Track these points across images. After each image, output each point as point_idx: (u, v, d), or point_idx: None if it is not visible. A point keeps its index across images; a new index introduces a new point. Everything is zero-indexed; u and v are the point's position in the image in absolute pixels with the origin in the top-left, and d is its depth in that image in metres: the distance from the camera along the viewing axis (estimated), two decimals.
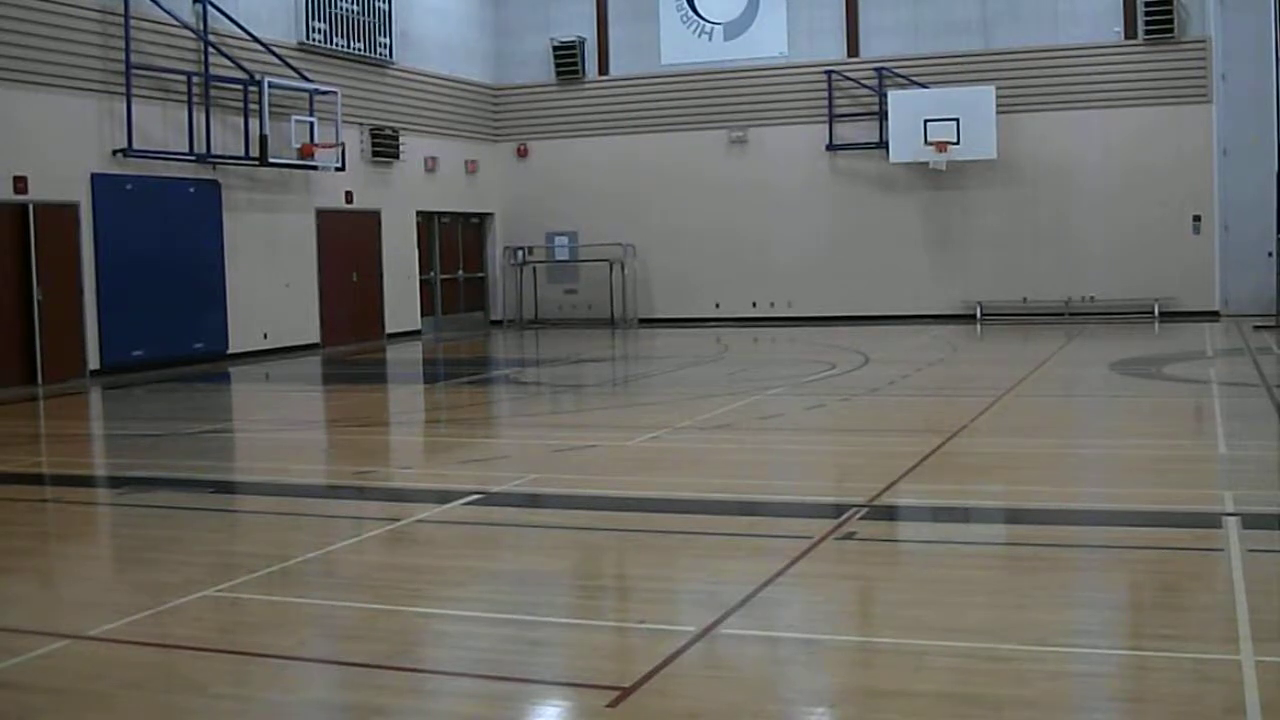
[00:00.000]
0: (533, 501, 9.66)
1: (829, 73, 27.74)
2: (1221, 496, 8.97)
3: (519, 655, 5.99)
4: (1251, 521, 8.12)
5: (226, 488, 10.83)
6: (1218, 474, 10.09)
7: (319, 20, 24.44)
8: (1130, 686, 5.43)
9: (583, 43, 29.54)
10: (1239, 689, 5.16)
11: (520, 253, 30.05)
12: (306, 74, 23.67)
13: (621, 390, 18.35)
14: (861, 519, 8.50)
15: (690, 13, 28.83)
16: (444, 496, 9.66)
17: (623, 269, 29.19)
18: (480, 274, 30.47)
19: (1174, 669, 5.49)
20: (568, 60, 29.56)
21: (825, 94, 27.81)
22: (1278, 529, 8.31)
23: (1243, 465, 10.36)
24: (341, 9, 25.00)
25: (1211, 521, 8.18)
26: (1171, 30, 25.74)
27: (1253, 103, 25.37)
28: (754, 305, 28.58)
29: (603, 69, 29.70)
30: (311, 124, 23.41)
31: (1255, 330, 22.53)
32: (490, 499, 9.53)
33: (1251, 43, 25.42)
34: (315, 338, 24.26)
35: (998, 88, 26.22)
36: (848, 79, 27.74)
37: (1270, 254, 25.15)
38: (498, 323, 30.29)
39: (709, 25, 28.75)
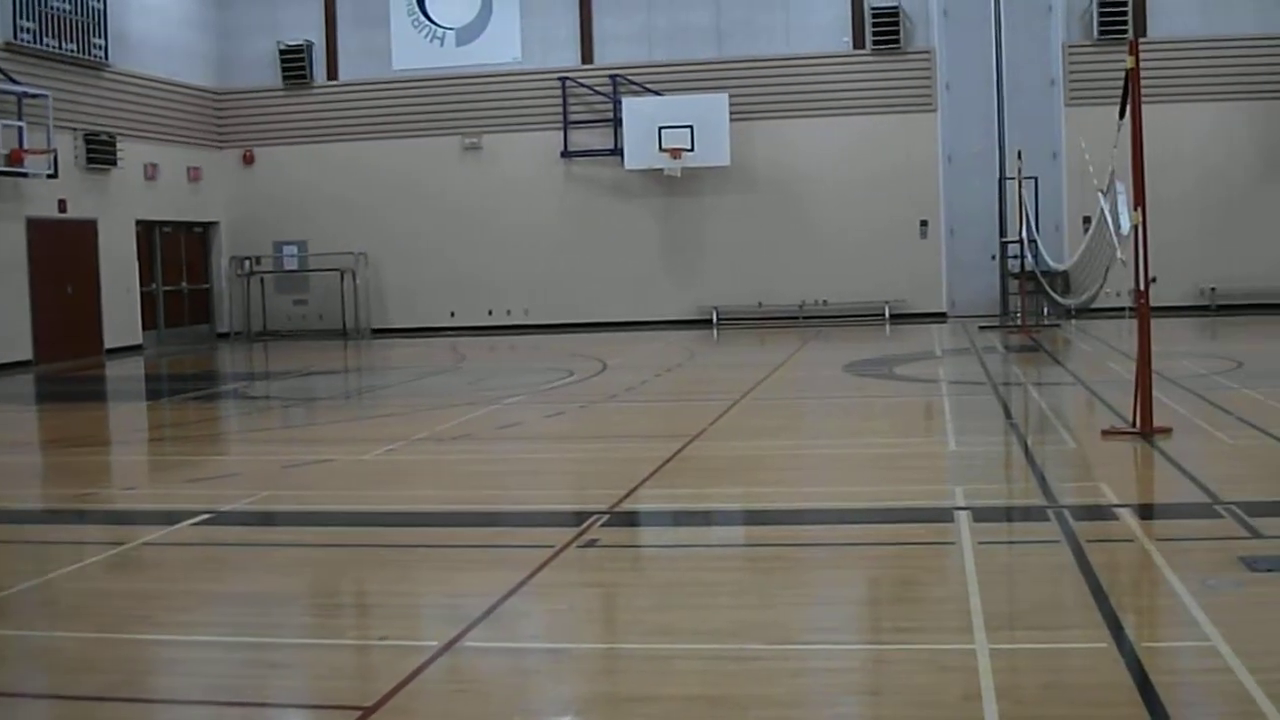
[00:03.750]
0: (266, 519, 9.32)
1: (563, 79, 27.79)
2: (953, 491, 9.20)
3: (255, 679, 5.74)
4: (981, 515, 8.38)
5: None
6: (949, 470, 10.42)
7: (27, 19, 23.17)
8: (871, 680, 5.51)
9: (311, 46, 28.87)
10: (975, 677, 5.29)
11: (247, 263, 29.16)
12: (14, 76, 22.43)
13: (356, 403, 17.94)
14: (603, 526, 8.45)
15: (422, 17, 28.48)
16: (171, 517, 9.21)
17: (354, 278, 28.63)
18: (205, 285, 29.44)
19: (912, 660, 5.60)
20: (295, 64, 28.85)
21: (560, 101, 27.85)
22: (1006, 521, 8.61)
23: (972, 461, 10.73)
24: (52, 8, 23.77)
25: (944, 516, 8.39)
26: (898, 41, 26.69)
27: (975, 111, 26.56)
28: (490, 314, 28.40)
29: (332, 74, 29.09)
30: (20, 129, 22.20)
31: (981, 330, 23.54)
32: (220, 518, 9.14)
33: (974, 54, 26.62)
34: (27, 354, 22.99)
35: (731, 95, 26.69)
36: (582, 86, 27.84)
37: (993, 257, 26.37)
38: (224, 335, 29.31)
39: (441, 30, 28.47)
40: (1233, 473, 9.64)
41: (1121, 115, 11.64)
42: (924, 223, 26.96)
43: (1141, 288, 11.36)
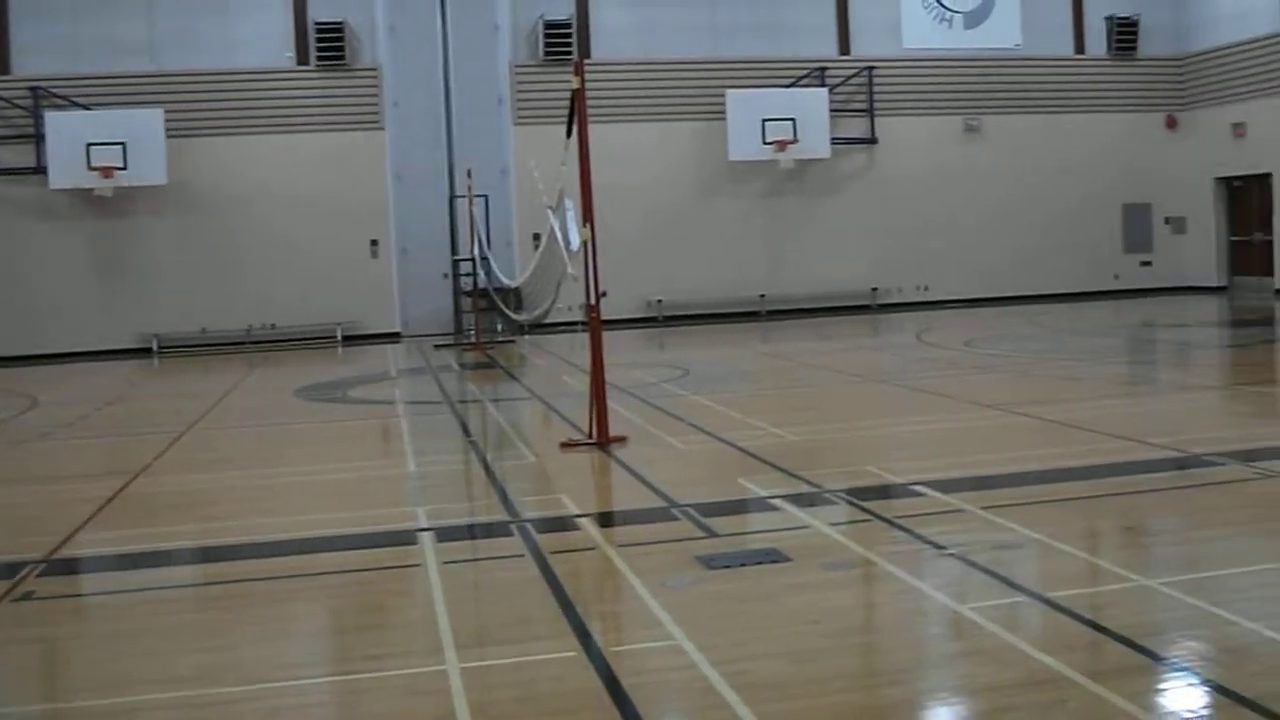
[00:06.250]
0: None
1: None
2: (415, 513, 9.13)
3: None
4: (445, 534, 8.39)
5: None
6: (410, 491, 10.29)
7: None
8: (344, 711, 5.41)
9: None
10: (448, 697, 5.31)
11: None
12: None
13: None
14: (39, 576, 7.77)
15: None
16: None
17: None
18: None
19: (384, 687, 5.53)
20: None
21: None
22: (469, 539, 8.60)
23: (432, 481, 10.66)
24: None
25: (408, 539, 8.30)
26: (343, 57, 26.38)
27: (425, 129, 26.75)
28: None
29: None
30: None
31: (436, 349, 23.64)
32: None
33: (422, 71, 26.83)
34: None
35: (167, 111, 25.49)
36: None
37: (445, 275, 26.61)
38: None
39: None
40: (686, 476, 10.09)
41: (568, 134, 11.97)
42: (374, 242, 26.82)
43: (592, 301, 11.71)
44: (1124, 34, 30.31)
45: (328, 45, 26.31)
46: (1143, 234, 30.72)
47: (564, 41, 27.06)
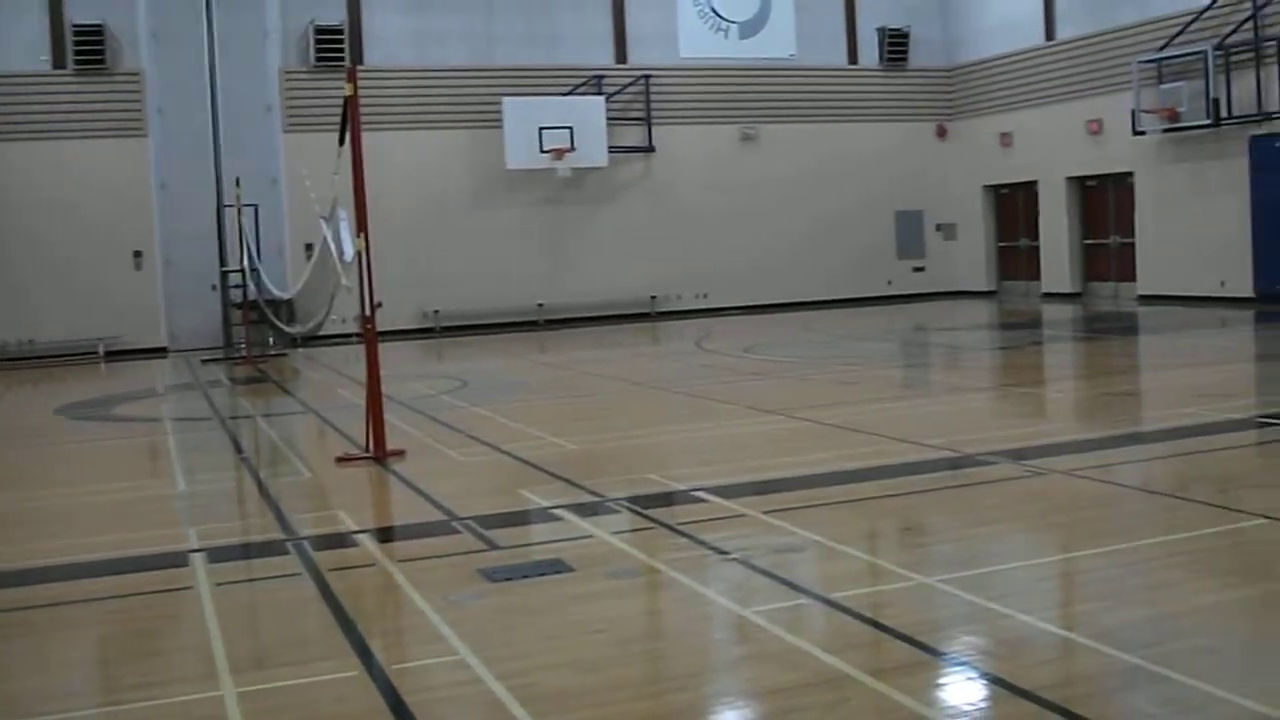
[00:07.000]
0: None
1: None
2: (186, 534, 8.82)
3: None
4: (218, 555, 8.12)
5: None
6: (180, 512, 9.89)
7: None
8: None
9: None
10: None
11: None
12: None
13: None
14: None
15: None
16: None
17: None
18: None
19: (157, 717, 5.32)
20: None
21: None
22: (244, 559, 8.34)
23: (203, 500, 10.29)
24: None
25: (178, 561, 8.00)
26: (104, 61, 25.36)
27: (190, 137, 25.91)
28: None
29: None
30: None
31: (204, 364, 22.90)
32: None
33: (187, 77, 25.97)
34: None
35: None
36: None
37: (214, 287, 25.81)
38: None
39: None
40: (466, 488, 9.99)
41: (341, 142, 11.73)
42: (138, 253, 25.86)
43: (367, 313, 11.49)
44: (895, 45, 31.23)
45: (86, 48, 25.27)
46: (915, 240, 31.69)
47: (336, 47, 26.59)
